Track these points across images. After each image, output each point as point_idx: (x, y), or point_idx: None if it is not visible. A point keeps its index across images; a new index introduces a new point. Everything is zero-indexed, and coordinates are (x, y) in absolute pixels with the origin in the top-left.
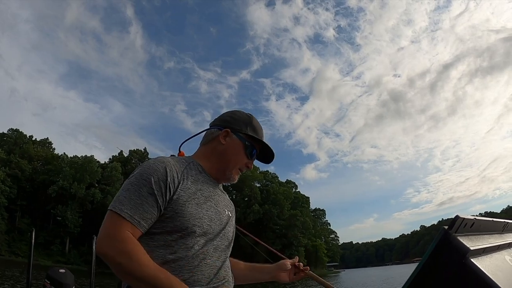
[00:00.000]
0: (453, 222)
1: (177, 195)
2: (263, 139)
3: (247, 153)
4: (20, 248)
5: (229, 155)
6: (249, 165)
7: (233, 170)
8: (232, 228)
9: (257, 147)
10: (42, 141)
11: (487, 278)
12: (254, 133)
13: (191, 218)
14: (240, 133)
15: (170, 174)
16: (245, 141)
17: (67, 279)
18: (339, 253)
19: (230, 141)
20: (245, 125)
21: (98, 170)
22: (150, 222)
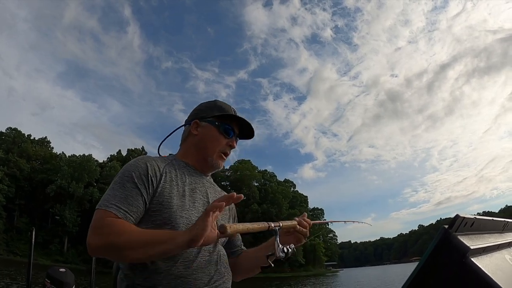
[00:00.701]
0: (453, 221)
1: (161, 187)
2: (234, 114)
3: (222, 132)
4: (19, 247)
5: (205, 142)
6: (231, 143)
7: (214, 155)
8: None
9: (232, 124)
10: (40, 140)
11: (487, 278)
12: (222, 112)
13: (178, 210)
14: (208, 118)
15: (151, 168)
16: (215, 123)
17: (67, 278)
18: (338, 252)
19: (201, 130)
20: (210, 109)
21: (96, 169)
22: (136, 215)
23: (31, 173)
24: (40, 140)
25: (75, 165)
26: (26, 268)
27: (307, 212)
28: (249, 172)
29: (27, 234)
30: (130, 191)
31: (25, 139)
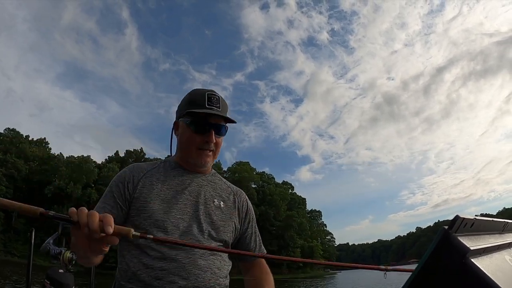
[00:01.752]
0: (453, 222)
1: (138, 193)
2: (204, 106)
3: (193, 130)
4: (16, 248)
5: (182, 143)
6: (207, 139)
7: (192, 154)
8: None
9: (207, 116)
10: (38, 141)
11: (487, 278)
12: (192, 106)
13: (154, 213)
14: (182, 116)
15: (130, 174)
16: (187, 121)
17: (67, 279)
18: (335, 254)
19: (180, 130)
20: (183, 105)
21: (94, 170)
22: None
23: (29, 174)
24: (39, 140)
25: (73, 166)
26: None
27: (305, 214)
28: (248, 174)
29: (24, 235)
30: (108, 201)
31: (23, 140)
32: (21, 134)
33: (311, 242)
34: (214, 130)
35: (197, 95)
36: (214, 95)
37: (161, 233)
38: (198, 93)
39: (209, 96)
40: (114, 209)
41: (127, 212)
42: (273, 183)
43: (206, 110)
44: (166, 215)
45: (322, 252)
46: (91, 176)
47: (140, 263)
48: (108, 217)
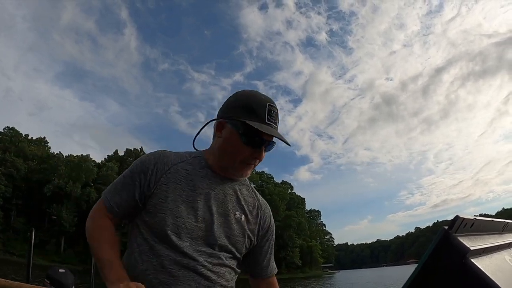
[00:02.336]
0: (453, 222)
1: (159, 189)
2: (264, 120)
3: (244, 142)
4: (15, 247)
5: (226, 149)
6: (256, 155)
7: (235, 165)
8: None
9: (261, 132)
10: (38, 140)
11: (487, 278)
12: (249, 116)
13: (169, 216)
14: (234, 119)
15: (155, 166)
16: (239, 129)
17: (67, 279)
18: (334, 254)
19: (225, 133)
20: (239, 109)
21: (93, 169)
22: (121, 209)
23: (28, 173)
24: (38, 139)
25: (73, 165)
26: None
27: (304, 214)
28: None
29: (24, 234)
30: (125, 186)
31: (23, 139)
32: (20, 133)
33: (310, 242)
34: (265, 147)
35: (258, 104)
36: (274, 108)
37: (173, 237)
38: (259, 102)
39: (270, 109)
40: (130, 200)
41: (143, 204)
42: (272, 183)
43: (267, 130)
44: (182, 219)
45: (321, 252)
46: (91, 175)
47: (151, 263)
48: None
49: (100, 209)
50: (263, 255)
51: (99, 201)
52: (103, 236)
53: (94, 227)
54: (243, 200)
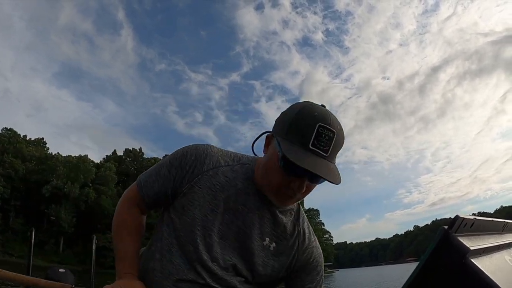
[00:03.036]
0: (453, 222)
1: (190, 189)
2: (308, 146)
3: (282, 166)
4: (14, 248)
5: (267, 169)
6: (294, 185)
7: (272, 190)
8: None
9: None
10: (36, 141)
11: (487, 278)
12: (291, 137)
13: (192, 222)
14: (280, 137)
15: (193, 163)
16: (278, 148)
17: (67, 279)
18: (333, 253)
19: (270, 150)
20: (287, 125)
21: (92, 169)
22: (155, 199)
23: (27, 174)
24: (36, 140)
25: (71, 166)
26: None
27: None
28: None
29: (22, 235)
30: (161, 177)
31: (21, 139)
32: (18, 134)
33: None
34: (310, 178)
35: (305, 122)
36: (328, 131)
37: (190, 246)
38: (309, 119)
39: (320, 132)
40: (161, 192)
41: (173, 200)
42: None
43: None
44: (204, 230)
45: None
46: (89, 175)
47: (161, 265)
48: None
49: (133, 195)
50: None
51: (133, 185)
52: (128, 224)
53: (121, 212)
54: (281, 227)
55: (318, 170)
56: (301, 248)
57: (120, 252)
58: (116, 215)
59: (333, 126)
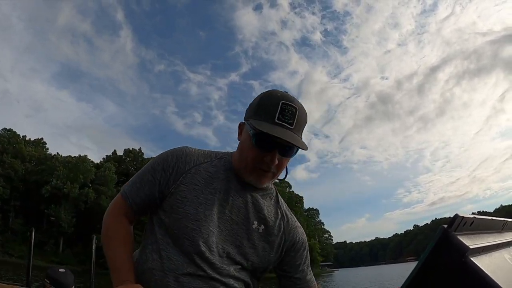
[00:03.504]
0: (452, 221)
1: (176, 189)
2: (274, 120)
3: (254, 144)
4: (14, 248)
5: (242, 152)
6: (268, 159)
7: (247, 169)
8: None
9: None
10: (36, 141)
11: (487, 277)
12: (260, 116)
13: (184, 218)
14: (249, 120)
15: (176, 164)
16: (249, 129)
17: (67, 278)
18: (333, 252)
19: (243, 135)
20: (254, 107)
21: (91, 169)
22: (139, 207)
23: (26, 174)
24: (36, 140)
25: (70, 166)
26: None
27: (302, 213)
28: None
29: (22, 235)
30: (145, 183)
31: (20, 140)
32: (18, 134)
33: (309, 241)
34: (280, 150)
35: (270, 103)
36: (290, 107)
37: (185, 241)
38: (272, 99)
39: (283, 108)
40: (148, 197)
41: (161, 202)
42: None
43: (273, 131)
44: (197, 222)
45: (319, 250)
46: (88, 175)
47: (159, 264)
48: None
49: (119, 206)
50: (295, 268)
51: (118, 196)
52: (119, 234)
53: (110, 224)
54: (265, 210)
55: (285, 137)
56: (286, 229)
57: (114, 263)
58: (104, 227)
59: (295, 103)
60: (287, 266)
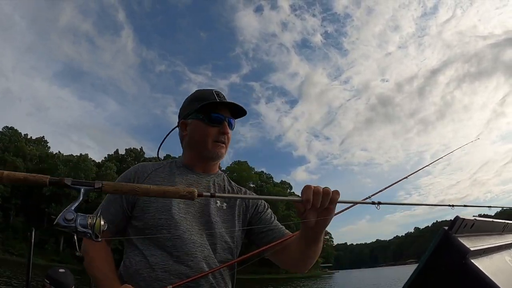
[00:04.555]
0: (453, 223)
1: None
2: (216, 100)
3: (208, 122)
4: (14, 246)
5: (196, 137)
6: (223, 130)
7: (208, 146)
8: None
9: (219, 109)
10: (37, 140)
11: (487, 279)
12: (201, 102)
13: (157, 212)
14: (191, 113)
15: (135, 176)
16: (199, 116)
17: (67, 279)
18: (333, 254)
19: (190, 128)
20: (191, 104)
21: (93, 168)
22: (116, 224)
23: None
24: (38, 139)
25: (72, 165)
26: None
27: None
28: (246, 174)
29: (23, 233)
30: (112, 202)
31: (22, 138)
32: (19, 132)
33: None
34: (227, 122)
35: (204, 93)
36: (221, 92)
37: (164, 231)
38: (205, 91)
39: (217, 93)
40: (119, 212)
41: (131, 212)
42: (272, 183)
43: (221, 100)
44: (168, 213)
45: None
46: (90, 174)
47: (144, 263)
48: None
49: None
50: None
51: None
52: (99, 255)
53: (89, 248)
54: (221, 189)
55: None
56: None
57: (100, 280)
58: (84, 253)
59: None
60: (261, 225)
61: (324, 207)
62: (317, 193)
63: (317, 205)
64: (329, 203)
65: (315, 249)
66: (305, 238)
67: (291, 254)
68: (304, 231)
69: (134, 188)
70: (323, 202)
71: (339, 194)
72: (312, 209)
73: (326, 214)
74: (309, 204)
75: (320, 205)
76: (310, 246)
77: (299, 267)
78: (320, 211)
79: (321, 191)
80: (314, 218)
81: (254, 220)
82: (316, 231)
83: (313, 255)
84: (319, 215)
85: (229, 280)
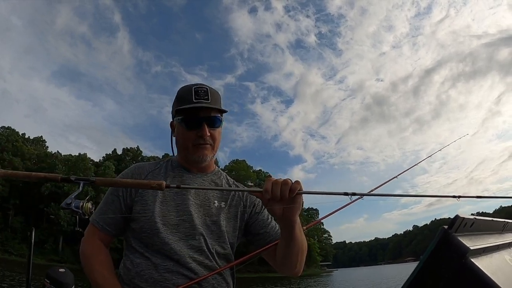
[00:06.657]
0: (453, 222)
1: (139, 196)
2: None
3: (185, 126)
4: (13, 246)
5: (180, 141)
6: (200, 133)
7: (190, 150)
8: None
9: (197, 111)
10: (36, 139)
11: (487, 278)
12: (180, 103)
13: (154, 215)
14: (174, 116)
15: (132, 177)
16: (178, 120)
17: (67, 278)
18: (332, 252)
19: (176, 130)
20: (175, 103)
21: (91, 168)
22: (113, 226)
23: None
24: (36, 139)
25: (70, 164)
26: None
27: (301, 213)
28: (244, 172)
29: (22, 233)
30: (110, 204)
31: (20, 138)
32: (17, 132)
33: (308, 241)
34: (207, 123)
35: (184, 92)
36: (202, 88)
37: (160, 235)
38: (185, 89)
39: (196, 90)
40: (115, 213)
41: (129, 213)
42: None
43: (193, 105)
44: (165, 217)
45: (319, 250)
46: (89, 173)
47: (144, 265)
48: None
49: (92, 233)
50: (264, 224)
51: (89, 226)
52: (97, 258)
53: (87, 251)
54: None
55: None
56: (242, 197)
57: (100, 284)
58: (82, 256)
59: (205, 85)
60: (258, 226)
61: (286, 198)
62: (275, 184)
63: (277, 194)
64: (290, 193)
65: (294, 246)
66: (283, 237)
67: (278, 255)
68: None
69: (116, 181)
70: (283, 192)
71: (300, 184)
72: (274, 200)
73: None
74: (268, 194)
75: (281, 196)
76: (289, 244)
77: (287, 268)
78: (284, 202)
79: (280, 182)
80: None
81: (251, 220)
82: (285, 223)
83: (295, 252)
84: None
85: (230, 279)
